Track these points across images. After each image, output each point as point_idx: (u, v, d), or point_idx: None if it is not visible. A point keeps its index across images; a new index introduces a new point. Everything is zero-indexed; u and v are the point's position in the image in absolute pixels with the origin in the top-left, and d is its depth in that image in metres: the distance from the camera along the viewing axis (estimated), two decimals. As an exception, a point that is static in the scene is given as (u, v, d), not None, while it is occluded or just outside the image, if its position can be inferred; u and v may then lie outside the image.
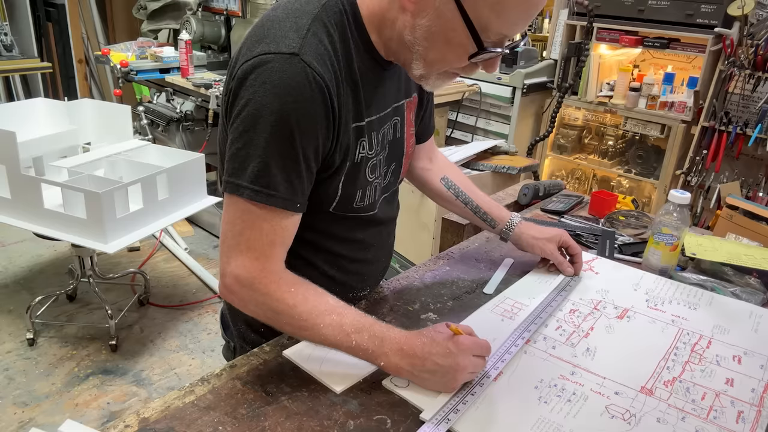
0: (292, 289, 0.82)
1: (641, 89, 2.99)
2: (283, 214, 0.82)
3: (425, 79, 0.85)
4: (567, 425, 0.77)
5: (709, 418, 0.79)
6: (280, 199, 0.80)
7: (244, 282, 0.82)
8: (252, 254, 0.81)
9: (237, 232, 0.81)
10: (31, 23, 3.98)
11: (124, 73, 3.10)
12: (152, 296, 2.77)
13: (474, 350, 0.81)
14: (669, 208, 1.14)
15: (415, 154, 1.16)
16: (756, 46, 2.58)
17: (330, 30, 0.80)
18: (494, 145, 2.46)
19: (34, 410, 2.08)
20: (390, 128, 0.96)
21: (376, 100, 0.90)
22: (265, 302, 0.82)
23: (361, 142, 0.89)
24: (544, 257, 1.17)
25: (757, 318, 1.04)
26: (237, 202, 0.80)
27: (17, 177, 2.10)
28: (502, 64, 3.26)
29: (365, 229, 1.00)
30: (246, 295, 0.83)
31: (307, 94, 0.76)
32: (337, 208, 0.92)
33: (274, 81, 0.75)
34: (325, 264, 0.98)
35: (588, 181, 3.42)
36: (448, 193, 1.17)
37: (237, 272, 0.82)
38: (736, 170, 2.85)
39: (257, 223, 0.81)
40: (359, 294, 1.06)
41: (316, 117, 0.78)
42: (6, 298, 2.71)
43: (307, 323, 0.81)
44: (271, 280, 0.82)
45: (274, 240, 0.82)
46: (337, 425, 0.75)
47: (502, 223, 1.18)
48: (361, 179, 0.92)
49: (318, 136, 0.80)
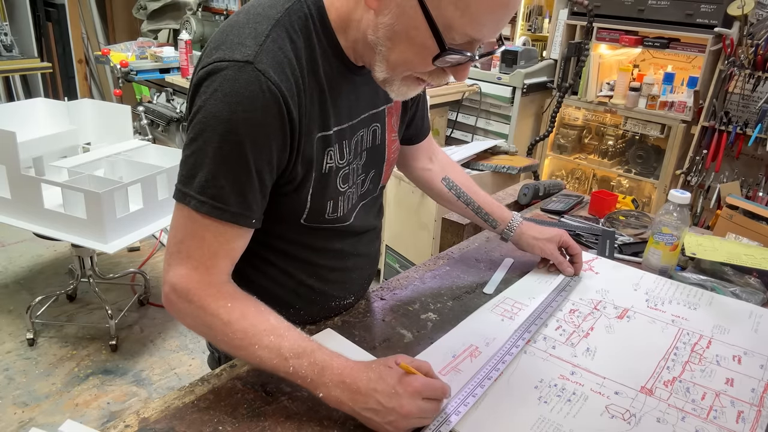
0: (229, 304, 0.78)
1: (641, 89, 2.98)
2: (230, 227, 0.78)
3: (389, 84, 0.80)
4: (567, 425, 0.77)
5: (709, 418, 0.79)
6: (228, 213, 0.76)
7: (180, 292, 0.78)
8: (191, 264, 0.78)
9: (179, 240, 0.78)
10: (31, 23, 3.98)
11: (124, 73, 3.11)
12: (152, 296, 2.76)
13: (425, 393, 0.73)
14: (669, 208, 1.14)
15: (414, 154, 1.15)
16: (756, 45, 2.58)
17: (293, 36, 0.77)
18: (494, 145, 2.46)
19: (34, 410, 2.08)
20: (368, 135, 0.93)
21: (348, 107, 0.87)
22: (199, 316, 0.78)
23: (328, 152, 0.85)
24: (545, 257, 1.17)
25: (757, 318, 1.04)
26: (183, 209, 0.77)
27: (17, 177, 2.10)
28: (502, 63, 3.27)
29: (342, 239, 0.97)
30: (182, 306, 0.79)
31: (259, 103, 0.73)
32: (308, 219, 0.89)
33: (225, 90, 0.72)
34: (302, 273, 0.95)
35: (588, 181, 3.42)
36: (449, 194, 1.15)
37: (174, 281, 0.78)
38: (736, 170, 2.85)
39: (200, 232, 0.77)
40: (343, 302, 1.02)
41: (269, 128, 0.75)
42: (6, 298, 2.71)
43: (242, 342, 0.76)
44: (208, 293, 0.78)
45: (217, 252, 0.78)
46: (337, 425, 0.75)
47: (503, 223, 1.17)
48: (331, 190, 0.88)
49: (272, 148, 0.77)
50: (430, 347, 0.91)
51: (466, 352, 0.90)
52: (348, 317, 0.99)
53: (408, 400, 0.73)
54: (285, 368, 0.76)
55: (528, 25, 3.50)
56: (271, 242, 0.91)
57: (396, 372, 0.75)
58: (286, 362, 0.75)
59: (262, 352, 0.76)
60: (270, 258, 0.93)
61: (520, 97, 3.24)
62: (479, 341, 0.93)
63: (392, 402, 0.73)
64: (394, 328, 0.97)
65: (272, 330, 0.77)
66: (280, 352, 0.76)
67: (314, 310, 0.99)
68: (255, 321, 0.78)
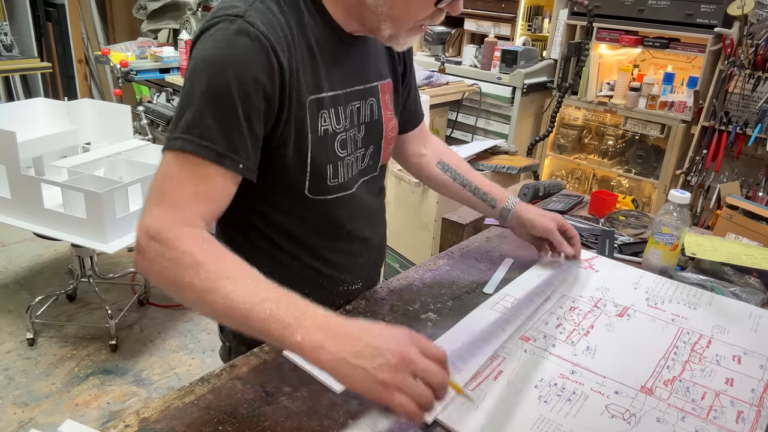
0: (205, 246, 0.71)
1: (641, 89, 2.99)
2: (215, 168, 0.75)
3: (395, 38, 0.86)
4: (567, 425, 0.77)
5: (709, 418, 0.79)
6: (214, 153, 0.74)
7: (152, 233, 0.71)
8: (168, 202, 0.73)
9: (158, 185, 0.75)
10: (31, 23, 3.98)
11: (124, 73, 3.11)
12: (152, 296, 2.76)
13: (431, 351, 0.64)
14: (669, 208, 1.14)
15: (408, 142, 1.16)
16: (756, 45, 2.58)
17: (280, 2, 0.82)
18: (494, 145, 2.46)
19: (34, 410, 2.08)
20: (364, 109, 0.95)
21: (341, 74, 0.90)
22: (171, 257, 0.69)
23: (322, 114, 0.88)
24: (545, 236, 1.13)
25: (756, 318, 1.04)
26: (167, 155, 0.76)
27: (17, 177, 2.10)
28: (502, 63, 3.28)
29: (347, 221, 0.99)
30: (153, 250, 0.70)
31: (247, 48, 0.76)
32: (311, 188, 0.90)
33: (216, 37, 0.77)
34: (308, 256, 0.97)
35: (588, 181, 3.42)
36: (444, 177, 1.15)
37: (147, 222, 0.72)
38: (736, 170, 2.85)
39: (182, 174, 0.74)
40: (351, 288, 1.04)
41: (256, 73, 0.76)
42: (6, 298, 2.71)
43: (214, 284, 0.67)
44: (183, 231, 0.71)
45: (198, 193, 0.74)
46: (337, 425, 0.75)
47: (501, 202, 1.15)
48: (330, 153, 0.90)
49: (259, 94, 0.77)
50: (430, 347, 0.91)
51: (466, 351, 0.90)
52: (348, 317, 0.99)
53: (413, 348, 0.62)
54: (260, 312, 0.66)
55: (528, 25, 3.50)
56: (277, 222, 0.93)
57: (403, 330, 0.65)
58: (262, 305, 0.66)
59: (236, 294, 0.67)
60: (275, 239, 0.95)
61: (520, 97, 3.24)
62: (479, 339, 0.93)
63: (390, 343, 0.62)
64: (394, 328, 0.97)
65: (249, 275, 0.70)
66: (256, 293, 0.67)
67: (322, 294, 1.00)
68: (231, 266, 0.70)
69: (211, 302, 0.68)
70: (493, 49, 3.34)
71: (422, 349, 0.64)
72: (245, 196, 0.85)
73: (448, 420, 0.75)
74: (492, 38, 3.43)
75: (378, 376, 0.60)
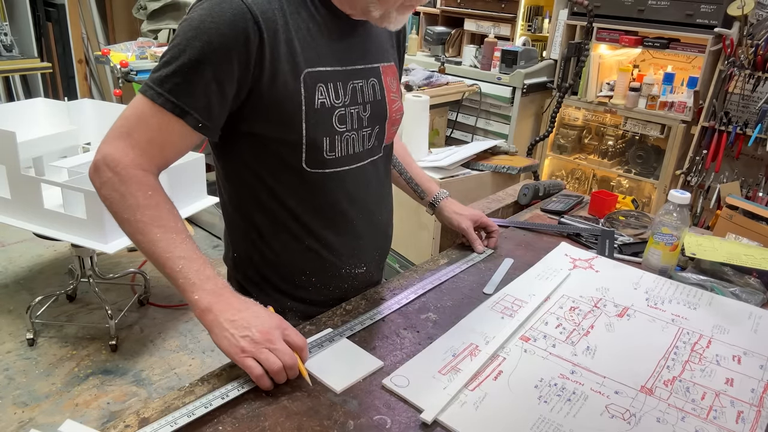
0: (150, 193, 0.84)
1: (641, 89, 2.99)
2: (175, 121, 0.83)
3: (386, 18, 0.89)
4: (567, 425, 0.77)
5: (709, 418, 0.79)
6: (179, 108, 0.82)
7: (109, 162, 0.83)
8: (131, 141, 0.84)
9: (126, 118, 0.85)
10: (31, 23, 3.98)
11: (124, 73, 3.10)
12: (152, 296, 2.77)
13: (291, 338, 0.79)
14: (669, 208, 1.14)
15: None
16: (756, 46, 2.58)
17: None
18: (494, 145, 2.46)
19: (34, 410, 2.08)
20: (367, 88, 0.98)
21: (341, 52, 0.94)
22: (119, 190, 0.83)
23: (318, 87, 0.90)
24: (460, 232, 1.25)
25: (756, 318, 1.04)
26: (139, 97, 0.85)
27: (17, 177, 2.10)
28: (502, 64, 3.28)
29: (350, 203, 1.00)
30: (106, 177, 0.84)
31: (227, 16, 0.81)
32: (308, 161, 0.93)
33: (204, 6, 0.83)
34: (309, 237, 0.99)
35: (588, 181, 3.42)
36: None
37: (110, 151, 0.84)
38: (735, 170, 2.85)
39: (147, 118, 0.84)
40: (355, 271, 1.06)
41: (232, 41, 0.81)
42: (6, 298, 2.71)
43: (145, 227, 0.82)
44: (136, 173, 0.83)
45: (155, 140, 0.84)
46: (337, 425, 0.75)
47: (430, 195, 1.26)
48: (327, 127, 0.92)
49: (233, 61, 0.82)
50: (430, 347, 0.91)
51: (466, 350, 0.90)
52: (348, 317, 0.99)
53: (276, 332, 0.78)
54: (173, 264, 0.80)
55: (528, 25, 3.50)
56: (281, 200, 0.95)
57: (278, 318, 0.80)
58: (177, 260, 0.81)
59: (160, 243, 0.81)
60: (280, 218, 0.97)
61: (520, 97, 3.24)
62: (479, 339, 0.93)
63: (260, 323, 0.78)
64: (393, 328, 0.97)
65: (178, 232, 0.83)
66: (176, 248, 0.81)
67: (326, 277, 1.03)
68: (166, 218, 0.84)
69: (138, 241, 0.83)
70: (493, 50, 3.34)
71: (285, 335, 0.79)
72: (254, 173, 0.94)
73: (448, 420, 0.76)
74: (492, 38, 3.43)
75: (240, 342, 0.76)
